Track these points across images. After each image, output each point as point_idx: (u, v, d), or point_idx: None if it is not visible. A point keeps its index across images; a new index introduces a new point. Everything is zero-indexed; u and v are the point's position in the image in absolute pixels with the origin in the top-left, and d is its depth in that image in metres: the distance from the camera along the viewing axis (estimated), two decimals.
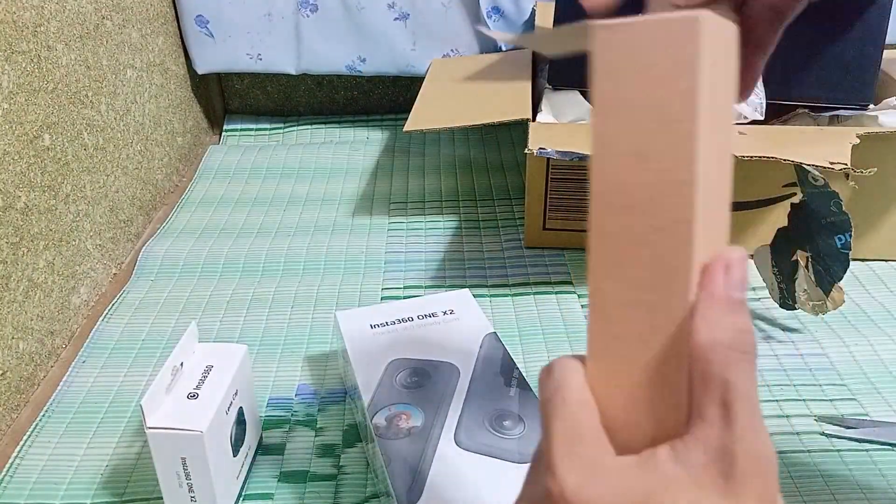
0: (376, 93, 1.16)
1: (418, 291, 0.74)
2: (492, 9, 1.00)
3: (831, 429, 0.56)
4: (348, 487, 0.52)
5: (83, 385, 0.63)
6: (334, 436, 0.57)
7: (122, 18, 0.84)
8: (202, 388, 0.48)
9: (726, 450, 0.23)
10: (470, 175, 0.97)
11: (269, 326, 0.69)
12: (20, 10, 0.64)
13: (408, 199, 0.92)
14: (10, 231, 0.61)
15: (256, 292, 0.74)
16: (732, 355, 0.23)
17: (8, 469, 0.55)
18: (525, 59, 0.92)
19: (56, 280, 0.67)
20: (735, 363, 0.23)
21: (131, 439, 0.57)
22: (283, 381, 0.62)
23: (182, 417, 0.45)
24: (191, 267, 0.79)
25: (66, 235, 0.70)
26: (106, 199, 0.78)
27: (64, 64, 0.71)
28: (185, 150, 1.02)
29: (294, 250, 0.81)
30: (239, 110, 1.17)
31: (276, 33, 1.03)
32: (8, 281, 0.60)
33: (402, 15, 1.01)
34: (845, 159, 0.60)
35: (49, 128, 0.67)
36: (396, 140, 1.08)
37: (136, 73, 0.87)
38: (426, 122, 0.79)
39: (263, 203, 0.92)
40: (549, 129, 0.72)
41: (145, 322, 0.70)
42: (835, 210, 0.59)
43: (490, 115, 0.76)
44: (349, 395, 0.59)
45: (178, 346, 0.48)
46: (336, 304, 0.72)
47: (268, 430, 0.57)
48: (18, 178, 0.62)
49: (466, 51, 1.03)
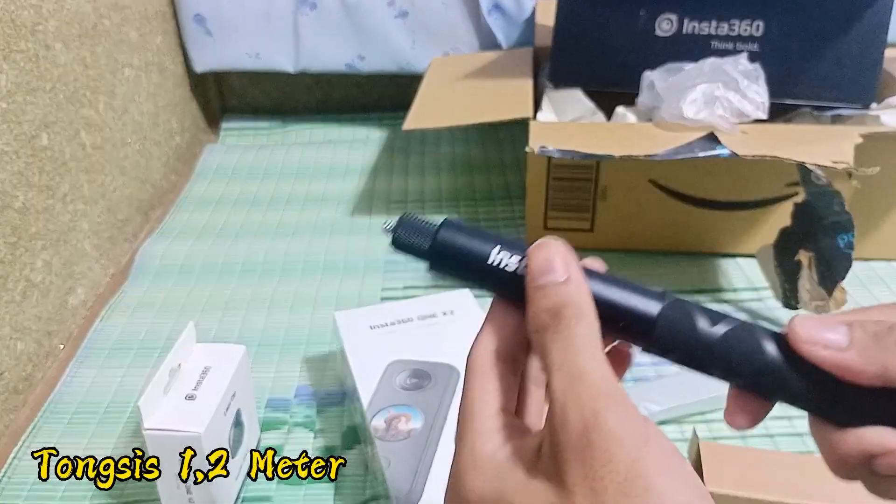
0: (376, 91, 1.16)
1: (418, 292, 0.73)
2: (492, 6, 0.99)
3: None
4: (347, 490, 0.52)
5: (81, 386, 0.62)
6: (333, 437, 0.57)
7: (120, 17, 0.84)
8: (200, 389, 0.47)
9: (551, 430, 0.25)
10: (470, 174, 0.97)
11: (267, 327, 0.69)
12: (18, 8, 0.64)
13: (408, 198, 0.92)
14: (8, 231, 0.61)
15: (255, 292, 0.74)
16: (538, 337, 0.27)
17: (6, 469, 0.55)
18: (526, 58, 0.91)
19: (54, 280, 0.67)
20: (542, 344, 0.27)
21: (129, 440, 0.57)
22: (282, 383, 0.62)
23: (180, 419, 0.45)
24: (189, 267, 0.79)
25: (64, 235, 0.69)
26: (104, 198, 0.77)
27: (62, 63, 0.70)
28: (183, 150, 1.02)
29: (293, 250, 0.81)
30: (237, 109, 1.17)
31: (274, 32, 1.03)
32: (5, 281, 0.60)
33: (401, 13, 1.01)
34: (848, 159, 0.60)
35: (47, 127, 0.67)
36: (396, 139, 1.07)
37: (134, 72, 0.87)
38: (426, 120, 0.79)
39: (262, 203, 0.91)
40: (550, 128, 0.72)
41: (143, 322, 0.70)
42: (837, 210, 0.59)
43: (491, 114, 0.76)
44: (348, 396, 0.59)
45: (176, 346, 0.48)
46: (335, 304, 0.72)
47: (266, 432, 0.57)
48: (16, 178, 0.62)
49: (466, 49, 1.03)
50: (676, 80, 0.69)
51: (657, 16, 0.75)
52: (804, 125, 0.74)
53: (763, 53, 0.73)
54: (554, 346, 0.26)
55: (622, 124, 0.74)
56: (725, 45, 0.74)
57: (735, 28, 0.74)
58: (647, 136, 0.68)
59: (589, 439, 0.24)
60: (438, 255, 0.30)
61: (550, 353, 0.27)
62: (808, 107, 0.75)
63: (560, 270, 0.28)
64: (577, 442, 0.24)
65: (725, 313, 0.28)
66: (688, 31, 0.74)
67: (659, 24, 0.75)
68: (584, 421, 0.24)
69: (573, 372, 0.25)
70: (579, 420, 0.24)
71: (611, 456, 0.24)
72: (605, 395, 0.25)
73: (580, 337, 0.26)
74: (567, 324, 0.27)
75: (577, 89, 0.78)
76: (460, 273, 0.31)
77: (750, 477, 0.44)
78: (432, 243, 0.30)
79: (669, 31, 0.75)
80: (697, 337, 0.28)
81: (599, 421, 0.24)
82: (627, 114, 0.75)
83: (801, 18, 0.72)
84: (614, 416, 0.24)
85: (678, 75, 0.70)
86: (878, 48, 0.72)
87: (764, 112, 0.68)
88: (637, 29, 0.75)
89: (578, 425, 0.24)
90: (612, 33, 0.76)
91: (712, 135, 0.65)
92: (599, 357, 0.26)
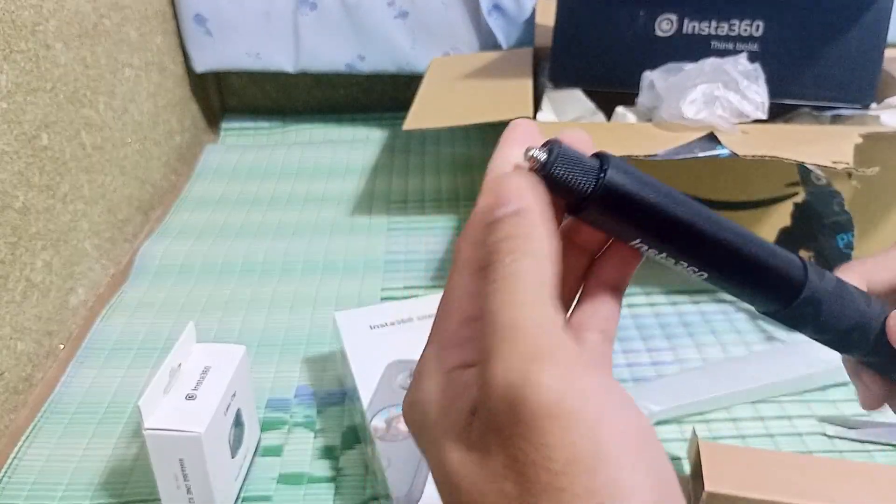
0: (375, 91, 1.16)
1: (418, 291, 0.73)
2: (492, 6, 0.99)
3: (833, 430, 0.55)
4: (347, 490, 0.52)
5: (81, 386, 0.62)
6: (333, 437, 0.57)
7: (120, 17, 0.84)
8: (200, 389, 0.47)
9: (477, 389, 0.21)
10: (470, 174, 0.97)
11: (267, 327, 0.69)
12: (19, 8, 0.64)
13: (408, 198, 0.92)
14: (8, 231, 0.61)
15: (255, 292, 0.74)
16: (482, 275, 0.22)
17: (6, 470, 0.55)
18: (526, 58, 0.91)
19: (54, 280, 0.67)
20: (480, 287, 0.22)
21: (130, 440, 0.57)
22: (282, 383, 0.62)
23: (180, 419, 0.45)
24: (189, 267, 0.79)
25: (64, 235, 0.69)
26: (104, 198, 0.77)
27: (62, 63, 0.70)
28: (184, 150, 1.02)
29: (293, 250, 0.81)
30: (237, 109, 1.17)
31: (274, 31, 1.03)
32: (6, 281, 0.60)
33: (401, 13, 1.01)
34: (848, 159, 0.60)
35: (47, 127, 0.67)
36: (396, 139, 1.07)
37: (134, 72, 0.87)
38: (426, 120, 0.79)
39: (262, 202, 0.91)
40: (550, 128, 0.72)
41: (143, 322, 0.70)
42: (837, 210, 0.59)
43: (491, 114, 0.76)
44: (348, 396, 0.59)
45: (176, 346, 0.48)
46: (335, 304, 0.72)
47: (266, 432, 0.57)
48: (16, 178, 0.62)
49: (466, 49, 1.03)
50: (676, 81, 0.69)
51: (657, 16, 0.75)
52: (804, 125, 0.74)
53: (763, 53, 0.73)
54: (486, 289, 0.21)
55: (622, 124, 0.74)
56: (725, 45, 0.74)
57: (735, 28, 0.74)
58: (647, 136, 0.68)
59: (516, 412, 0.18)
60: (602, 200, 0.24)
61: (484, 296, 0.21)
62: (808, 107, 0.75)
63: (511, 203, 0.22)
64: (502, 414, 0.19)
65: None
66: (688, 31, 0.74)
67: (659, 24, 0.75)
68: (509, 386, 0.19)
69: (503, 321, 0.20)
70: (504, 385, 0.19)
71: (544, 436, 0.18)
72: (539, 354, 0.19)
73: (518, 277, 0.20)
74: (501, 261, 0.21)
75: (576, 89, 0.78)
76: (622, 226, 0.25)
77: (750, 477, 0.44)
78: (596, 186, 0.24)
79: (669, 31, 0.75)
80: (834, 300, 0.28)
81: (529, 388, 0.18)
82: (627, 114, 0.75)
83: (801, 18, 0.72)
84: (551, 380, 0.18)
85: (678, 75, 0.70)
86: (878, 48, 0.72)
87: (764, 112, 0.68)
88: (637, 29, 0.75)
89: (502, 392, 0.19)
90: (612, 33, 0.76)
91: (712, 135, 0.65)
92: (540, 306, 0.20)
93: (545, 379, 0.19)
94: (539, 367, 0.19)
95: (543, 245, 0.21)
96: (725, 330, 0.66)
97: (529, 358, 0.19)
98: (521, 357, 0.19)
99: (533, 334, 0.19)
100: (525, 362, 0.19)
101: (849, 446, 0.54)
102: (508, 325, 0.20)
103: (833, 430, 0.55)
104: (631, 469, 0.18)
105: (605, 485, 0.18)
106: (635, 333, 0.66)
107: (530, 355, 0.19)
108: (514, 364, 0.19)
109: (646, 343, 0.65)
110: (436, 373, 0.22)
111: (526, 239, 0.21)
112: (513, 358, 0.19)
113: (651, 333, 0.66)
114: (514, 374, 0.19)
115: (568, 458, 0.18)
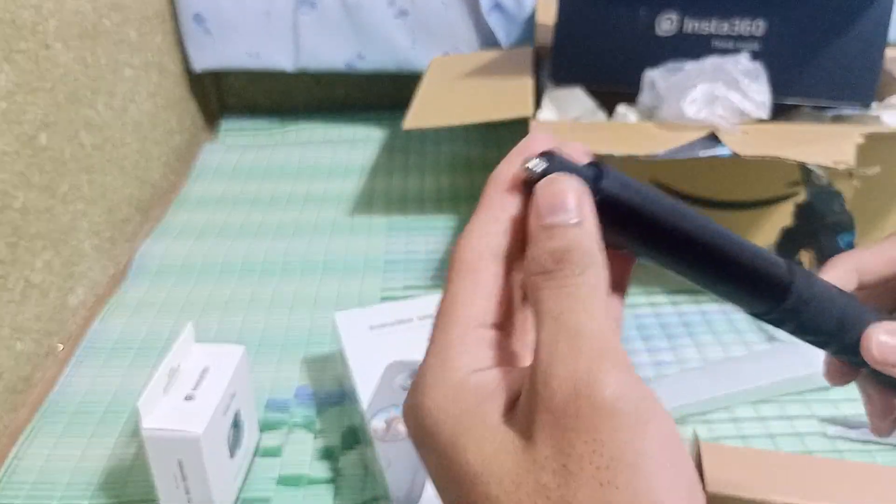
0: (375, 90, 1.16)
1: (418, 292, 0.73)
2: (492, 5, 0.99)
3: (834, 430, 0.55)
4: (347, 491, 0.52)
5: (80, 386, 0.62)
6: (333, 438, 0.56)
7: (120, 17, 0.84)
8: (199, 389, 0.47)
9: (531, 386, 0.22)
10: (470, 174, 0.97)
11: (267, 327, 0.69)
12: (19, 8, 0.63)
13: (408, 198, 0.92)
14: (8, 231, 0.61)
15: (255, 293, 0.74)
16: (535, 281, 0.23)
17: (6, 470, 0.54)
18: (526, 57, 0.91)
19: (53, 280, 0.67)
20: (538, 289, 0.23)
21: (129, 440, 0.57)
22: (282, 383, 0.62)
23: (178, 419, 0.45)
24: (188, 267, 0.78)
25: (64, 235, 0.69)
26: (103, 198, 0.77)
27: (62, 63, 0.70)
28: (183, 149, 1.02)
29: (293, 250, 0.81)
30: (236, 108, 1.17)
31: (274, 31, 1.03)
32: (6, 281, 0.60)
33: (401, 12, 1.01)
34: (849, 158, 0.60)
35: (47, 127, 0.67)
36: (396, 139, 1.07)
37: (133, 71, 0.87)
38: (426, 119, 0.78)
39: (262, 202, 0.91)
40: (550, 127, 0.72)
41: (143, 323, 0.70)
42: (838, 209, 0.59)
43: (491, 113, 0.76)
44: (348, 397, 0.59)
45: (175, 347, 0.48)
46: (335, 304, 0.72)
47: (266, 433, 0.57)
48: (16, 178, 0.62)
49: (466, 48, 1.02)
50: (677, 80, 0.69)
51: (658, 15, 0.75)
52: (805, 125, 0.74)
53: (764, 53, 0.73)
54: (551, 293, 0.23)
55: (623, 123, 0.74)
56: (726, 44, 0.74)
57: (736, 27, 0.73)
58: (648, 135, 0.67)
59: (577, 406, 0.20)
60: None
61: (546, 300, 0.23)
62: (809, 106, 0.75)
63: (573, 210, 0.23)
64: (560, 407, 0.20)
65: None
66: (688, 30, 0.74)
67: (660, 23, 0.75)
68: (574, 383, 0.20)
69: (569, 324, 0.22)
70: (568, 381, 0.21)
71: (596, 432, 0.20)
72: (604, 356, 0.21)
73: (584, 287, 0.22)
74: (571, 270, 0.23)
75: (577, 88, 0.78)
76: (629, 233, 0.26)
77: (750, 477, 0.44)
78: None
79: (670, 30, 0.75)
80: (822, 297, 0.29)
81: (593, 386, 0.20)
82: (628, 113, 0.74)
83: (802, 18, 0.72)
84: (614, 381, 0.20)
85: (679, 74, 0.70)
86: (878, 48, 0.72)
87: (765, 111, 0.68)
88: (638, 28, 0.75)
89: (565, 387, 0.20)
90: (613, 32, 0.76)
91: (713, 134, 0.65)
92: (601, 313, 0.22)
93: (610, 380, 0.20)
94: (605, 368, 0.21)
95: (602, 258, 0.24)
96: (725, 330, 0.66)
97: (596, 359, 0.21)
98: (587, 358, 0.21)
99: (598, 338, 0.21)
100: (591, 362, 0.21)
101: (849, 446, 0.54)
102: (573, 328, 0.22)
103: (834, 431, 0.55)
104: (669, 470, 0.20)
105: (645, 481, 0.20)
106: (636, 333, 0.66)
107: (596, 357, 0.21)
108: (581, 364, 0.21)
109: (646, 343, 0.65)
110: (443, 380, 0.23)
111: (588, 251, 0.23)
112: (580, 358, 0.21)
113: (651, 333, 0.66)
114: (580, 372, 0.21)
115: (614, 455, 0.20)
